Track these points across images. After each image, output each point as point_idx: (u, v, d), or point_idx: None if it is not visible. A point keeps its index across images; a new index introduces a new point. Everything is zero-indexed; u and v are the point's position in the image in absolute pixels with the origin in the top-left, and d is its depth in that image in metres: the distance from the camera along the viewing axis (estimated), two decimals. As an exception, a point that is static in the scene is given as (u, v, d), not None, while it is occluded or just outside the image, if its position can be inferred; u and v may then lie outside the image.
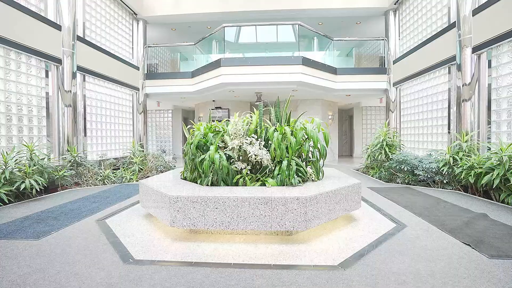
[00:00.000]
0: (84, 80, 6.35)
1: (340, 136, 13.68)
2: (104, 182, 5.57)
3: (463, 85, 5.16)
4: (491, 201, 3.93)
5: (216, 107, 10.29)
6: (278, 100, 3.40)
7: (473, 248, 2.27)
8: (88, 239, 2.58)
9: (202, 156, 2.88)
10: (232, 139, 3.04)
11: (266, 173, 3.05)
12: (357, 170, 7.60)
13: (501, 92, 4.61)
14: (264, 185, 2.86)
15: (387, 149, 6.16)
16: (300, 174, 2.97)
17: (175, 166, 8.03)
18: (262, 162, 2.98)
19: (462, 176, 4.34)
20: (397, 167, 5.51)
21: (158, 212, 2.75)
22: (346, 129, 13.71)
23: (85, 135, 6.41)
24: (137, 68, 8.60)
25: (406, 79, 7.38)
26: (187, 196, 2.46)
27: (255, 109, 3.56)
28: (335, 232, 2.72)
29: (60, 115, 5.63)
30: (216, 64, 7.52)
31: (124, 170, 6.35)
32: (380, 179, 5.98)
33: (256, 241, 2.52)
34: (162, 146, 11.72)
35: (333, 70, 8.24)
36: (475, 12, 4.96)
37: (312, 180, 3.11)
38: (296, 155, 3.09)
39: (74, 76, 5.86)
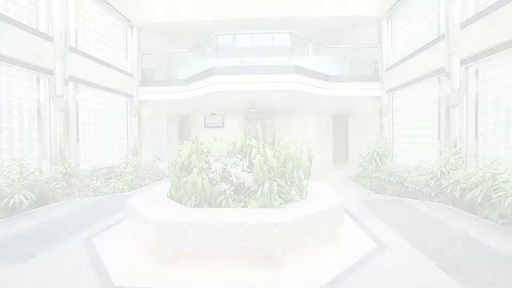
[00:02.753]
0: (76, 87, 6.36)
1: (336, 141, 13.70)
2: (96, 193, 5.59)
3: (451, 92, 5.19)
4: (476, 216, 3.96)
5: (210, 113, 10.32)
6: (262, 126, 3.42)
7: (448, 274, 2.31)
8: (71, 263, 2.61)
9: (185, 179, 2.92)
10: (215, 160, 3.08)
11: (250, 193, 3.09)
12: (349, 178, 7.63)
13: (487, 106, 4.65)
14: (247, 206, 2.89)
15: (377, 159, 6.20)
16: (282, 196, 3.00)
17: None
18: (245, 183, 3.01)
19: (448, 190, 4.39)
20: (387, 179, 5.55)
21: (142, 233, 2.78)
22: (342, 134, 13.72)
23: (78, 141, 6.40)
24: (131, 75, 8.61)
25: (398, 87, 7.41)
26: (169, 220, 2.50)
27: (243, 128, 3.58)
28: (314, 255, 2.75)
29: (52, 123, 5.64)
30: (209, 73, 7.53)
31: (117, 179, 6.37)
32: (370, 190, 6.01)
33: (236, 264, 2.55)
34: (158, 152, 11.71)
35: (326, 78, 8.27)
36: (463, 25, 5.00)
37: (296, 200, 3.14)
38: (280, 175, 3.13)
39: (66, 83, 5.87)
